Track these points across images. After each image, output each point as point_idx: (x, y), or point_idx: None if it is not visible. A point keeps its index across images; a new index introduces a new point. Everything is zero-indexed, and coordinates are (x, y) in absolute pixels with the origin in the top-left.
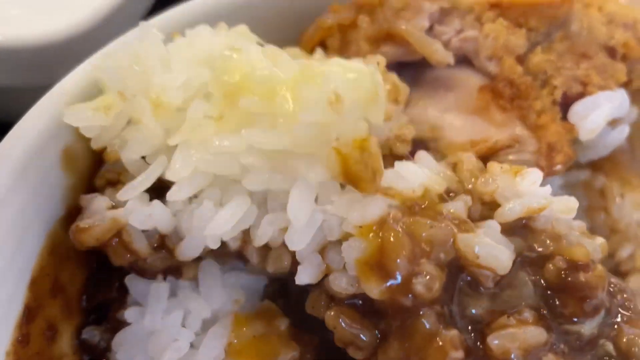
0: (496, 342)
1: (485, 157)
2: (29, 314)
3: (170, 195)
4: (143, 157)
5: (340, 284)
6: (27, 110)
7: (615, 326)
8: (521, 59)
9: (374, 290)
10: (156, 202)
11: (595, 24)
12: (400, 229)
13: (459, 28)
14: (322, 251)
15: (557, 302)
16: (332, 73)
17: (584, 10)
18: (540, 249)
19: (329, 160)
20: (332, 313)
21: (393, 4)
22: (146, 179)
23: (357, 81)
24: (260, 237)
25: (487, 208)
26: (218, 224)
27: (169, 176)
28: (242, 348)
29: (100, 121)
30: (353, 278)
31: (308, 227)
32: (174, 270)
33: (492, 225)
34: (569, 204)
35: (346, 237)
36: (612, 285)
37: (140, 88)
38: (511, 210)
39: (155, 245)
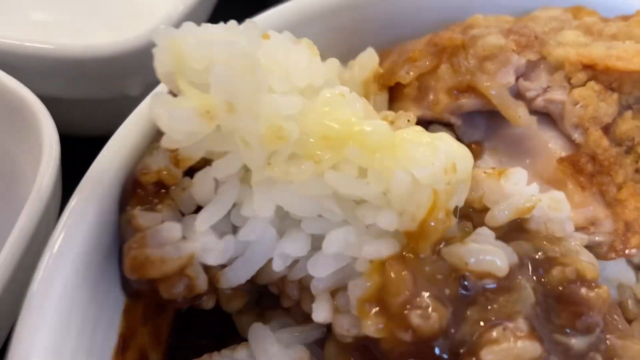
0: (489, 357)
1: None
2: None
3: (242, 235)
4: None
5: (343, 325)
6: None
7: (607, 341)
8: (608, 126)
9: (371, 327)
10: (230, 237)
11: None
12: (403, 267)
13: (546, 86)
14: (334, 293)
15: (553, 311)
16: (441, 142)
17: None
18: (546, 253)
19: (415, 205)
20: None
21: (478, 51)
22: (221, 208)
23: (466, 159)
24: (297, 272)
25: (480, 216)
26: (289, 246)
27: (245, 213)
28: None
29: (202, 128)
30: (355, 319)
31: (334, 260)
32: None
33: (483, 232)
34: (557, 198)
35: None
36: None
37: (253, 102)
38: (500, 212)
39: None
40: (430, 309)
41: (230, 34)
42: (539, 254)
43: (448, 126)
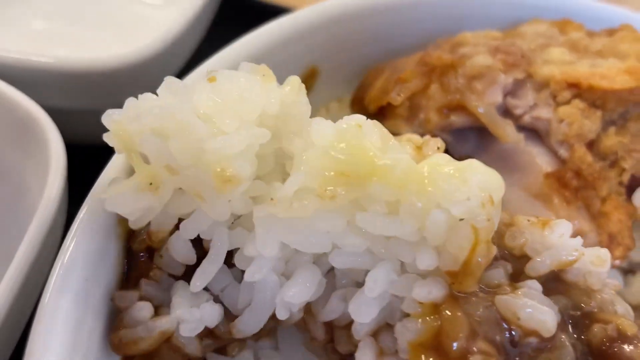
0: None
1: None
2: None
3: (248, 275)
4: None
5: None
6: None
7: None
8: (592, 141)
9: None
10: (206, 304)
11: None
12: (457, 309)
13: (532, 103)
14: (376, 334)
15: None
16: (472, 172)
17: None
18: (582, 308)
19: (457, 246)
20: None
21: (467, 71)
22: (215, 262)
23: (499, 188)
24: (329, 313)
25: (518, 262)
26: (291, 293)
27: (249, 252)
28: None
29: (147, 201)
30: None
31: (378, 301)
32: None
33: (533, 286)
34: (601, 255)
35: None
36: None
37: (191, 157)
38: (542, 263)
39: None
40: (486, 355)
41: (164, 98)
42: (577, 309)
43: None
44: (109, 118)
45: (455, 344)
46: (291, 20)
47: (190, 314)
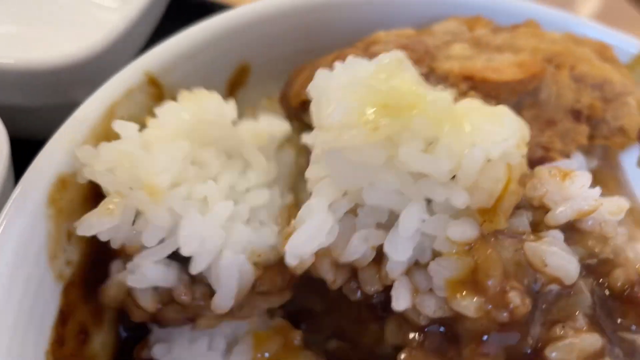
0: (554, 354)
1: None
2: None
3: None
4: None
5: (429, 307)
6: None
7: None
8: None
9: (471, 307)
10: (160, 264)
11: (563, 90)
12: (491, 249)
13: None
14: (408, 273)
15: (616, 311)
16: (505, 116)
17: (554, 77)
18: (598, 255)
19: (491, 182)
20: (405, 355)
21: None
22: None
23: (527, 132)
24: (351, 254)
25: (537, 213)
26: (300, 241)
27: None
28: None
29: (108, 224)
30: (441, 300)
31: (412, 240)
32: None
33: (556, 235)
34: (620, 204)
35: (433, 257)
36: None
37: (133, 181)
38: (562, 213)
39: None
40: (523, 291)
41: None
42: (593, 257)
43: None
44: (76, 165)
45: (490, 282)
46: (223, 18)
47: (140, 268)
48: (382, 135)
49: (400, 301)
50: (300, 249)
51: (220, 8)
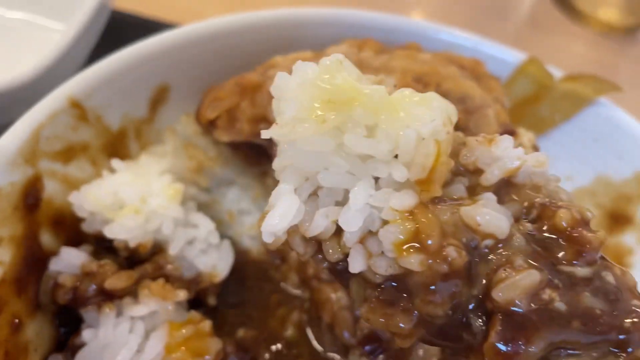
0: (500, 294)
1: None
2: None
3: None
4: None
5: (381, 267)
6: None
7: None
8: None
9: (415, 263)
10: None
11: None
12: (429, 213)
13: None
14: (362, 241)
15: (556, 249)
16: (434, 100)
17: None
18: (535, 203)
19: (424, 156)
20: (365, 309)
21: (268, 89)
22: None
23: (455, 112)
24: (316, 228)
25: (474, 177)
26: (274, 221)
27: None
28: (178, 346)
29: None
30: (391, 260)
31: (360, 213)
32: (108, 297)
33: (489, 197)
34: (540, 159)
35: (382, 225)
36: None
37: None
38: (493, 174)
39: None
40: (459, 246)
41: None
42: (532, 206)
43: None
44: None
45: (430, 241)
46: (143, 45)
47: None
48: (330, 126)
49: (355, 265)
50: (274, 228)
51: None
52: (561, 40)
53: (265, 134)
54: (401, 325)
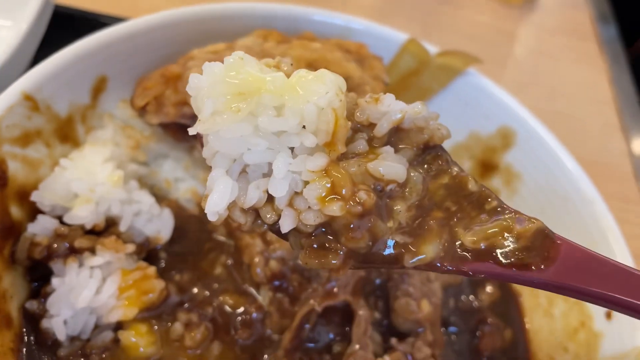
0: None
1: None
2: None
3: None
4: None
5: (310, 218)
6: None
7: None
8: None
9: (336, 209)
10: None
11: None
12: (341, 169)
13: None
14: (291, 203)
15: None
16: (326, 75)
17: None
18: (423, 140)
19: (325, 123)
20: (303, 255)
21: (188, 78)
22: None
23: (343, 82)
24: (251, 200)
25: (370, 130)
26: (214, 202)
27: (204, 154)
28: (129, 287)
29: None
30: (317, 212)
31: (285, 179)
32: (72, 252)
33: (388, 150)
34: (416, 109)
35: (304, 186)
36: None
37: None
38: (382, 126)
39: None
40: (367, 190)
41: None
42: (421, 144)
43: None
44: None
45: (344, 190)
46: (84, 42)
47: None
48: (245, 114)
49: (285, 225)
50: (215, 208)
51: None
52: (469, 12)
53: (192, 131)
54: (333, 262)
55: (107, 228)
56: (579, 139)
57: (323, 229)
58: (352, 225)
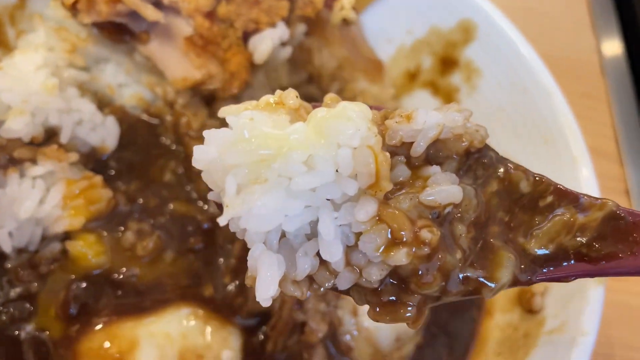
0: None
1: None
2: None
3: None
4: None
5: (374, 273)
6: None
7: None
8: (211, 12)
9: (402, 258)
10: None
11: None
12: (394, 210)
13: None
14: (347, 259)
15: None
16: (349, 110)
17: None
18: (463, 147)
19: (364, 165)
20: (372, 314)
21: None
22: None
23: (369, 111)
24: (303, 271)
25: (401, 149)
26: (265, 286)
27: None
28: (74, 196)
29: None
30: (380, 265)
31: (336, 239)
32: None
33: (435, 171)
34: (455, 119)
35: (357, 238)
36: None
37: None
38: (419, 145)
39: None
40: (429, 226)
41: None
42: (461, 154)
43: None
44: None
45: (404, 232)
46: None
47: None
48: (272, 181)
49: (343, 284)
50: (268, 293)
51: None
52: None
53: (222, 222)
54: (407, 315)
55: (49, 139)
56: (549, 36)
57: (390, 280)
58: (420, 271)
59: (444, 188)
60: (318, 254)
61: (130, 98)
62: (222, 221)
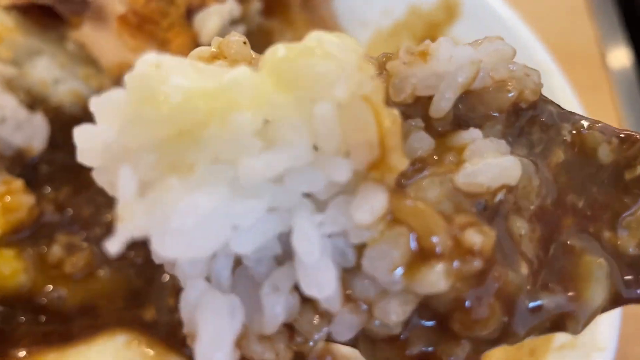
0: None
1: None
2: None
3: None
4: None
5: (394, 310)
6: None
7: None
8: None
9: (439, 279)
10: None
11: None
12: (416, 202)
13: None
14: (344, 290)
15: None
16: (326, 43)
17: None
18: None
19: (358, 130)
20: None
21: None
22: None
23: (358, 45)
24: (273, 319)
25: (416, 109)
26: (208, 351)
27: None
28: None
29: None
30: (401, 296)
31: (324, 258)
32: None
33: (473, 136)
34: (498, 47)
35: (359, 254)
36: None
37: None
38: (445, 99)
39: None
40: (478, 224)
41: None
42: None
43: None
44: None
45: (436, 237)
46: None
47: None
48: (204, 168)
49: (342, 335)
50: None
51: None
52: None
53: (112, 250)
54: None
55: None
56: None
57: (420, 321)
58: (468, 301)
59: (492, 162)
60: (297, 286)
61: (67, 94)
62: (111, 247)
